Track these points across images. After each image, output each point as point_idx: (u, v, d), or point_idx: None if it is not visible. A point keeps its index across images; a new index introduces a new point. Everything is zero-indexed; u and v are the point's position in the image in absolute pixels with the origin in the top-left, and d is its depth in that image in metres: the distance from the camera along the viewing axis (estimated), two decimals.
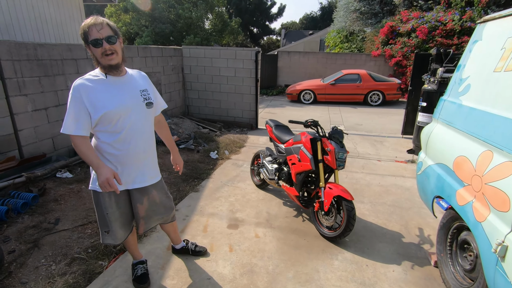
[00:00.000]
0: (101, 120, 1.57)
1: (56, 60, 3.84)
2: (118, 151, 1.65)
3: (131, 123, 1.64)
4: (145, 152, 1.76)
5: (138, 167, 1.74)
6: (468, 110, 1.97)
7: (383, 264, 2.33)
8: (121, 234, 1.85)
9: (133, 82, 1.69)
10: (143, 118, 1.70)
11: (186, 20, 12.27)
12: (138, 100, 1.68)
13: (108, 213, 1.75)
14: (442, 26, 10.20)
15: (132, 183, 1.75)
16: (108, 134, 1.61)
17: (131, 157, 1.69)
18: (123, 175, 1.70)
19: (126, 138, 1.64)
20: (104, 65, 1.55)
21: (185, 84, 6.97)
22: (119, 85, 1.63)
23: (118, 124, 1.60)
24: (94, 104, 1.53)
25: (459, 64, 2.27)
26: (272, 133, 3.35)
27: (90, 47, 1.50)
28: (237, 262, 2.30)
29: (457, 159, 1.93)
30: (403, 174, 4.18)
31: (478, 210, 1.64)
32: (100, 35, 1.48)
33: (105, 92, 1.56)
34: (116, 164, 1.67)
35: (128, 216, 1.86)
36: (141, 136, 1.71)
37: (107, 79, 1.59)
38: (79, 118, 1.52)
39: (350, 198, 2.43)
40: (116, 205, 1.76)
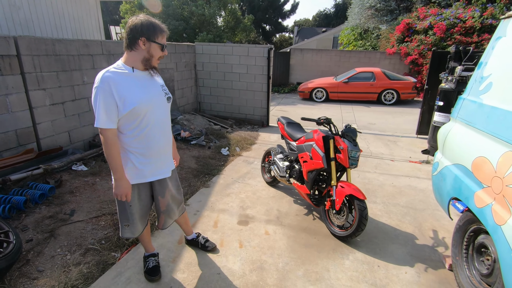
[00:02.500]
0: (128, 115, 1.59)
1: (73, 56, 3.93)
2: (143, 145, 1.69)
3: (155, 118, 1.69)
4: (166, 145, 1.82)
5: (160, 159, 1.79)
6: (490, 109, 1.90)
7: (395, 265, 2.29)
8: (139, 227, 1.90)
9: (154, 78, 1.73)
10: (164, 112, 1.77)
11: (199, 17, 12.32)
12: (160, 94, 1.73)
13: (131, 206, 1.80)
14: (461, 23, 9.86)
15: (154, 176, 1.80)
16: (133, 129, 1.64)
17: (154, 151, 1.74)
18: (147, 167, 1.75)
19: (151, 132, 1.69)
20: (152, 65, 1.64)
21: (197, 80, 7.01)
22: (146, 81, 1.66)
23: (144, 119, 1.64)
24: (123, 98, 1.55)
25: (480, 61, 2.19)
26: (284, 130, 3.33)
27: (154, 46, 1.57)
28: (247, 259, 2.30)
29: (476, 160, 1.87)
30: (418, 175, 4.08)
31: (497, 213, 1.59)
32: (165, 42, 1.63)
33: (134, 86, 1.59)
34: (140, 158, 1.72)
35: (146, 209, 1.92)
36: (163, 130, 1.78)
37: (134, 72, 1.61)
38: (109, 111, 1.54)
39: (362, 197, 2.39)
40: (138, 198, 1.82)
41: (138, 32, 1.54)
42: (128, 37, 1.56)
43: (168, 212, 1.96)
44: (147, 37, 1.55)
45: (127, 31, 1.56)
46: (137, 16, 1.57)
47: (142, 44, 1.56)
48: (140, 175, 1.75)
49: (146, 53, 1.59)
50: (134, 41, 1.56)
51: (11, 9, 5.00)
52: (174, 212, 2.01)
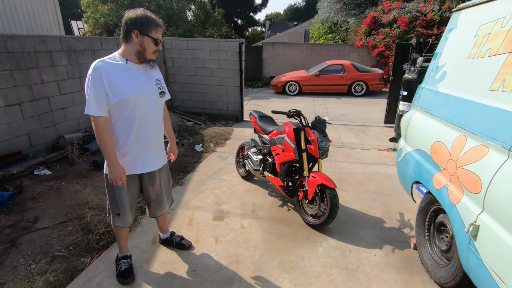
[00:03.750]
0: (117, 105, 1.62)
1: (29, 53, 3.66)
2: (131, 137, 1.71)
3: (145, 110, 1.72)
4: (156, 138, 1.84)
5: (150, 152, 1.82)
6: (444, 97, 2.02)
7: (365, 249, 2.40)
8: (129, 218, 1.92)
9: (150, 72, 1.76)
10: (156, 106, 1.79)
11: (167, 11, 11.93)
12: (153, 88, 1.75)
13: (120, 195, 1.81)
14: (422, 17, 10.38)
15: (144, 168, 1.83)
16: (122, 120, 1.67)
17: (143, 143, 1.77)
18: (136, 159, 1.77)
19: (140, 124, 1.71)
20: (147, 58, 1.67)
21: (168, 76, 6.82)
22: (138, 73, 1.69)
23: (133, 110, 1.67)
24: (113, 88, 1.58)
25: (436, 52, 2.32)
26: (256, 124, 3.34)
27: (146, 39, 1.60)
28: (223, 253, 2.30)
29: (434, 145, 1.99)
30: (386, 162, 4.28)
31: (453, 193, 1.71)
32: (161, 37, 1.67)
33: (125, 77, 1.62)
34: (129, 149, 1.73)
35: (135, 201, 1.94)
36: (153, 123, 1.79)
37: (127, 65, 1.64)
38: (99, 99, 1.58)
39: (333, 186, 2.47)
40: (128, 189, 1.83)
41: (132, 25, 1.57)
42: (123, 30, 1.61)
43: (159, 202, 2.00)
44: (140, 31, 1.58)
45: (123, 24, 1.60)
46: (135, 10, 1.61)
47: (135, 37, 1.59)
48: (129, 167, 1.76)
49: (139, 46, 1.61)
50: (128, 34, 1.59)
51: None
52: (164, 202, 2.05)
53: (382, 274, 2.13)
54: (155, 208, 2.03)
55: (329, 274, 2.12)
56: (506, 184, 1.32)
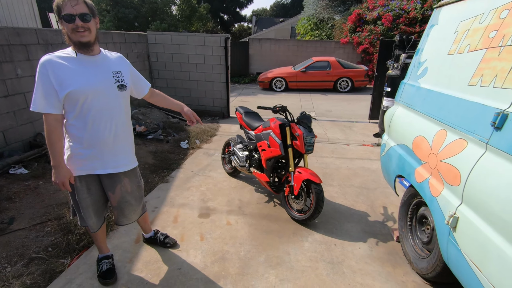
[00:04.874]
0: (67, 99, 1.52)
1: (2, 46, 3.48)
2: (86, 134, 1.60)
3: (99, 105, 1.59)
4: (117, 136, 1.69)
5: (109, 151, 1.69)
6: (426, 92, 2.06)
7: (350, 242, 2.43)
8: (94, 222, 1.81)
9: (106, 63, 1.63)
10: (113, 100, 1.65)
11: (151, 4, 11.63)
12: (109, 81, 1.62)
13: (78, 198, 1.71)
14: (405, 14, 10.58)
15: (103, 168, 1.70)
16: (75, 115, 1.56)
17: (101, 141, 1.64)
18: (93, 158, 1.65)
19: (95, 120, 1.59)
20: (74, 41, 1.50)
21: (152, 72, 6.66)
22: (90, 65, 1.56)
23: (85, 105, 1.55)
24: (60, 82, 1.48)
25: (418, 48, 2.36)
26: (242, 120, 3.31)
27: (62, 21, 1.46)
28: (208, 251, 2.28)
29: (416, 139, 2.03)
30: (370, 157, 4.36)
31: (433, 186, 1.75)
32: (74, 11, 1.44)
33: (73, 70, 1.51)
34: (85, 147, 1.63)
35: (100, 204, 1.82)
36: (111, 119, 1.66)
37: (77, 57, 1.53)
38: (48, 95, 1.48)
39: (318, 181, 2.49)
40: (88, 191, 1.72)
41: (56, 16, 1.48)
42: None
43: (122, 210, 1.84)
44: (58, 16, 1.47)
45: None
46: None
47: (61, 25, 1.49)
48: (85, 167, 1.65)
49: (65, 33, 1.50)
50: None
51: None
52: (128, 212, 1.87)
53: (366, 267, 2.16)
54: (117, 215, 1.87)
55: (315, 268, 2.13)
56: (483, 177, 1.36)
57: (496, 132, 1.33)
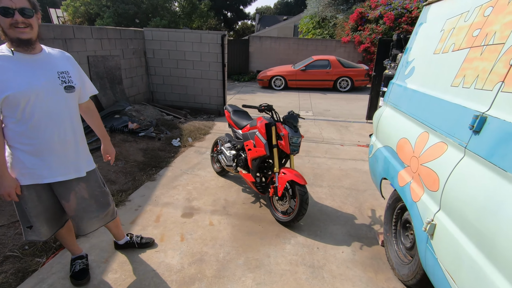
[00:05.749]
0: (6, 104, 1.37)
1: None
2: (31, 140, 1.46)
3: (44, 108, 1.45)
4: (66, 141, 1.56)
5: (58, 158, 1.55)
6: (411, 93, 1.99)
7: (333, 246, 2.37)
8: (46, 230, 1.67)
9: (50, 62, 1.49)
10: (60, 103, 1.51)
11: (151, 1, 11.57)
12: (54, 82, 1.48)
13: (27, 207, 1.57)
14: (408, 13, 10.43)
15: (52, 177, 1.56)
16: (17, 121, 1.42)
17: (47, 147, 1.51)
18: (41, 167, 1.52)
19: (40, 125, 1.46)
20: (12, 37, 1.35)
21: (149, 69, 6.62)
22: (30, 64, 1.42)
23: (27, 109, 1.40)
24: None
25: (406, 47, 2.29)
26: (230, 118, 3.25)
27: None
28: (187, 252, 2.23)
29: (400, 141, 1.96)
30: (363, 158, 4.28)
31: (414, 191, 1.68)
32: (12, 4, 1.29)
33: (10, 70, 1.36)
34: (30, 155, 1.49)
35: (55, 210, 1.69)
36: (59, 123, 1.52)
37: (13, 56, 1.37)
38: None
39: (303, 182, 2.43)
40: (38, 199, 1.59)
41: None
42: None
43: (81, 218, 1.70)
44: None
45: None
46: None
47: None
48: (33, 176, 1.52)
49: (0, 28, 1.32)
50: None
51: None
52: (90, 219, 1.74)
53: (347, 272, 2.10)
54: (78, 225, 1.72)
55: (294, 272, 2.08)
56: (460, 183, 1.29)
57: (475, 136, 1.26)
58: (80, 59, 4.78)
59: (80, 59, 4.78)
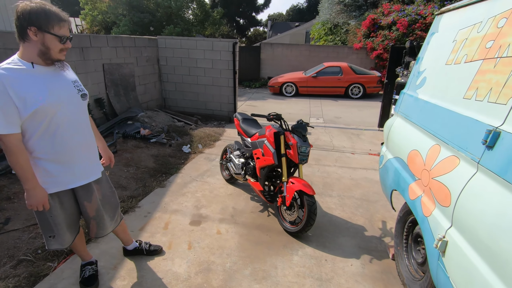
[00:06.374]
0: (32, 117, 1.40)
1: (12, 50, 3.61)
2: (56, 149, 1.52)
3: (68, 118, 1.52)
4: (86, 146, 1.65)
5: (80, 163, 1.63)
6: (423, 104, 1.95)
7: (342, 258, 2.33)
8: (68, 237, 1.74)
9: (63, 73, 1.55)
10: (80, 110, 1.59)
11: (165, 9, 11.86)
12: (72, 92, 1.55)
13: (52, 216, 1.63)
14: (422, 20, 10.27)
15: (77, 181, 1.63)
16: (41, 132, 1.46)
17: (71, 155, 1.58)
18: (65, 174, 1.59)
19: (64, 134, 1.52)
20: (53, 58, 1.45)
21: (161, 76, 6.76)
22: (51, 77, 1.47)
23: (53, 120, 1.47)
24: (23, 98, 1.36)
25: (418, 56, 2.25)
26: (239, 126, 3.27)
27: (48, 37, 1.37)
28: (194, 260, 2.24)
29: (411, 153, 1.92)
30: (375, 167, 4.20)
31: (425, 205, 1.63)
32: (68, 33, 1.45)
33: (35, 85, 1.40)
34: (55, 163, 1.54)
35: (74, 217, 1.75)
36: (80, 130, 1.61)
37: (34, 68, 1.41)
38: (8, 114, 1.34)
39: (311, 192, 2.40)
40: (61, 206, 1.64)
41: (27, 20, 1.33)
42: (16, 26, 1.36)
43: (100, 219, 1.78)
44: (38, 27, 1.34)
45: (15, 19, 1.35)
46: (30, 2, 1.35)
47: (33, 35, 1.35)
48: (58, 183, 1.58)
49: (40, 46, 1.38)
50: (23, 31, 1.35)
51: None
52: (105, 220, 1.81)
53: (356, 286, 2.05)
54: (96, 227, 1.79)
55: (301, 285, 2.05)
56: (473, 199, 1.25)
57: (488, 151, 1.22)
58: (96, 67, 4.94)
59: (96, 67, 4.94)
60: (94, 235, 1.83)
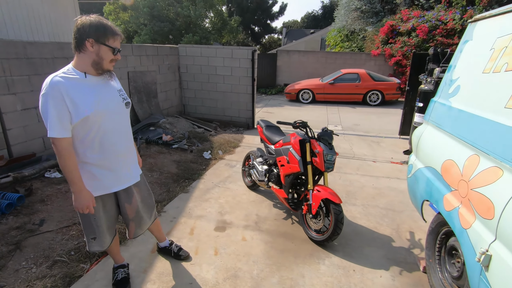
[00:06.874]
0: (82, 123, 1.50)
1: (47, 59, 3.80)
2: (102, 155, 1.60)
3: (114, 125, 1.61)
4: (129, 151, 1.75)
5: (123, 167, 1.72)
6: (457, 112, 1.91)
7: (370, 269, 2.28)
8: (108, 239, 1.82)
9: (110, 83, 1.64)
10: (124, 118, 1.70)
11: (185, 18, 12.19)
12: (118, 100, 1.64)
13: (95, 218, 1.71)
14: (442, 25, 10.08)
15: (120, 184, 1.73)
16: (89, 137, 1.55)
17: (115, 160, 1.67)
18: (109, 178, 1.67)
19: (110, 140, 1.61)
20: (104, 68, 1.55)
21: (182, 83, 6.92)
22: (100, 86, 1.57)
23: (101, 127, 1.55)
24: (76, 105, 1.45)
25: (450, 64, 2.21)
26: (262, 133, 3.30)
27: (103, 48, 1.48)
28: (221, 267, 2.25)
29: (445, 163, 1.87)
30: (398, 176, 4.11)
31: (464, 217, 1.59)
32: (119, 46, 1.56)
33: (86, 93, 1.50)
34: (100, 168, 1.63)
35: (113, 219, 1.84)
36: (124, 136, 1.70)
37: (86, 78, 1.52)
38: (62, 119, 1.44)
39: (338, 201, 2.38)
40: (104, 209, 1.73)
41: (86, 33, 1.44)
42: (75, 38, 1.46)
43: (139, 220, 1.87)
44: (95, 39, 1.45)
45: (74, 31, 1.46)
46: (88, 16, 1.47)
47: (90, 46, 1.46)
48: (102, 187, 1.66)
49: (95, 56, 1.48)
50: (81, 42, 1.45)
51: None
52: (144, 220, 1.92)
53: None
54: (135, 227, 1.88)
55: None
56: None
57: None
58: (121, 75, 5.12)
59: (121, 74, 5.12)
60: (132, 235, 1.91)
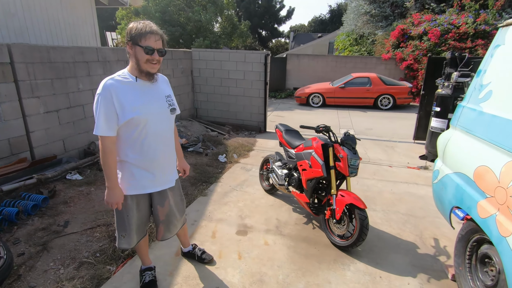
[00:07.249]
0: (127, 124, 1.56)
1: (68, 63, 3.88)
2: (142, 156, 1.65)
3: (156, 129, 1.65)
4: (168, 156, 1.78)
5: (160, 171, 1.75)
6: (490, 118, 1.88)
7: (397, 276, 2.25)
8: (135, 238, 1.85)
9: (160, 87, 1.69)
10: (166, 124, 1.73)
11: (195, 23, 12.33)
12: (164, 106, 1.68)
13: (128, 216, 1.75)
14: (455, 29, 9.99)
15: (155, 186, 1.76)
16: (132, 139, 1.61)
17: (154, 163, 1.71)
18: (147, 179, 1.71)
19: (151, 143, 1.65)
20: (143, 70, 1.55)
21: (194, 86, 6.98)
22: (148, 90, 1.62)
23: (144, 130, 1.60)
24: (123, 107, 1.52)
25: (479, 69, 2.18)
26: (282, 137, 3.29)
27: (138, 48, 1.50)
28: (246, 271, 2.24)
29: (478, 169, 1.84)
30: (416, 181, 4.06)
31: (502, 224, 1.56)
32: (155, 45, 1.51)
33: (134, 96, 1.56)
34: (139, 169, 1.68)
35: (144, 219, 1.87)
36: (164, 141, 1.74)
37: (137, 82, 1.58)
38: (109, 119, 1.52)
39: (363, 206, 2.36)
40: (137, 208, 1.77)
41: (127, 37, 1.52)
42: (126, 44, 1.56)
43: (168, 223, 1.90)
44: (133, 41, 1.50)
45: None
46: (135, 22, 1.54)
47: (129, 49, 1.53)
48: (139, 186, 1.71)
49: (134, 58, 1.53)
50: (126, 47, 1.55)
51: (5, 16, 4.93)
52: (174, 224, 1.94)
53: None
54: (164, 230, 1.91)
55: None
56: None
57: None
58: None
59: None
60: (160, 237, 1.94)
